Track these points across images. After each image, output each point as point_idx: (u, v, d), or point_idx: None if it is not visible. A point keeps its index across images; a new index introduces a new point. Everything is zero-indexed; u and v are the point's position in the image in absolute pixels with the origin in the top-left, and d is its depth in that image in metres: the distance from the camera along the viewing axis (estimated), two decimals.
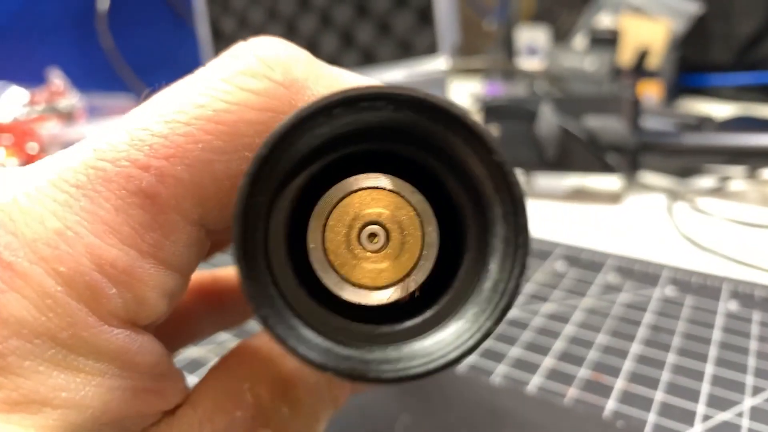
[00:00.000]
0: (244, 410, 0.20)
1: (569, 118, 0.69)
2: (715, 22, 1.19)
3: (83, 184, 0.16)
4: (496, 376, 0.40)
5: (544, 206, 0.72)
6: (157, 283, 0.17)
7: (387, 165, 0.18)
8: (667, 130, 0.78)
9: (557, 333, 0.45)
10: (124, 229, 0.17)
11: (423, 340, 0.18)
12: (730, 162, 0.71)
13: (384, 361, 0.17)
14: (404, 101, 0.16)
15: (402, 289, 0.18)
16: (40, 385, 0.16)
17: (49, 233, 0.16)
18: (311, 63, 0.20)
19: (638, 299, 0.49)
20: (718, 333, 0.44)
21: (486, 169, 0.17)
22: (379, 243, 0.18)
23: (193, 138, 0.17)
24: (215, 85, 0.18)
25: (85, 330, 0.16)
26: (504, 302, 0.17)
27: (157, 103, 0.18)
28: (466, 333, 0.17)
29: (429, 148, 0.18)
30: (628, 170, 0.69)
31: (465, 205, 0.18)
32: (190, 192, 0.17)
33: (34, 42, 1.20)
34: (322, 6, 1.08)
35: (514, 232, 0.17)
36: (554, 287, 0.51)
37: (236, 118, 0.18)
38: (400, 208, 0.18)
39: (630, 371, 0.40)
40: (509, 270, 0.17)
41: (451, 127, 0.17)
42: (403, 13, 1.00)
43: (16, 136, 0.82)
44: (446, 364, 0.17)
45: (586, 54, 1.09)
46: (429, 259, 0.18)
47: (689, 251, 0.58)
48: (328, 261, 0.18)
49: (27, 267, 0.16)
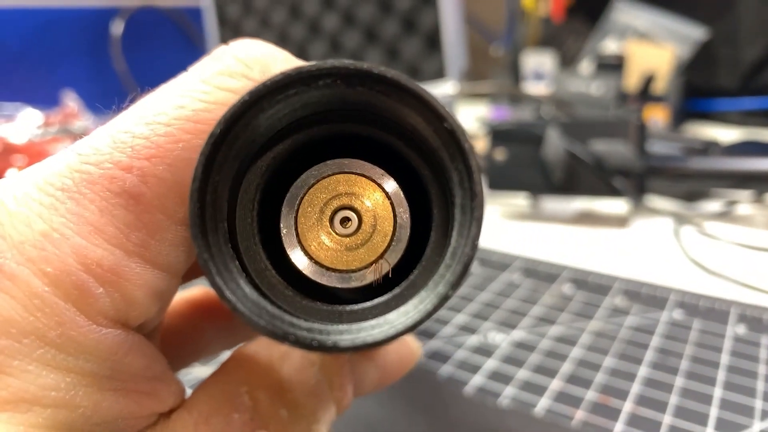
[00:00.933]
0: (242, 413, 0.20)
1: (576, 142, 0.70)
2: (721, 47, 1.20)
3: (68, 187, 0.17)
4: (504, 398, 0.40)
5: (552, 229, 0.72)
6: (144, 282, 0.18)
7: (356, 150, 0.18)
8: (673, 155, 0.79)
9: (565, 355, 0.45)
10: (109, 229, 0.17)
11: (388, 315, 0.18)
12: (737, 186, 0.71)
13: (345, 331, 0.17)
14: (353, 75, 0.17)
15: (375, 271, 0.18)
16: (30, 384, 0.16)
17: (36, 235, 0.16)
18: (289, 61, 0.20)
19: (646, 322, 0.49)
20: (726, 357, 0.44)
21: (440, 139, 0.17)
22: (351, 227, 0.18)
23: (173, 138, 0.18)
24: (195, 86, 0.18)
25: (74, 329, 0.16)
26: (460, 266, 0.17)
27: (139, 107, 0.18)
28: (424, 300, 0.17)
29: (388, 126, 0.18)
30: (634, 194, 0.69)
31: (431, 182, 0.18)
32: (173, 191, 0.18)
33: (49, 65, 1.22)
34: (333, 32, 1.10)
35: (469, 197, 0.17)
36: (562, 310, 0.51)
37: (215, 116, 0.18)
38: (371, 191, 0.18)
39: (638, 394, 0.40)
40: (465, 235, 0.17)
41: (403, 99, 0.17)
42: (411, 39, 1.02)
43: (30, 156, 0.84)
44: (404, 330, 0.17)
45: (592, 79, 1.10)
46: (402, 240, 0.18)
47: (697, 275, 0.58)
48: (301, 245, 0.18)
49: (14, 268, 0.16)
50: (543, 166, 0.71)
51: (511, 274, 0.59)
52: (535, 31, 1.35)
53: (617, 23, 1.24)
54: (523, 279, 0.58)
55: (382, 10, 1.04)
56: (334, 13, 1.09)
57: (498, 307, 0.52)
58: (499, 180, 0.75)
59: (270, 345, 0.22)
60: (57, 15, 1.24)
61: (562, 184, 0.70)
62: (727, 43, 1.19)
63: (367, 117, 0.18)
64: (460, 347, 0.46)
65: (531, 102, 1.13)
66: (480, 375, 0.43)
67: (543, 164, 0.71)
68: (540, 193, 0.75)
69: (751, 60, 1.17)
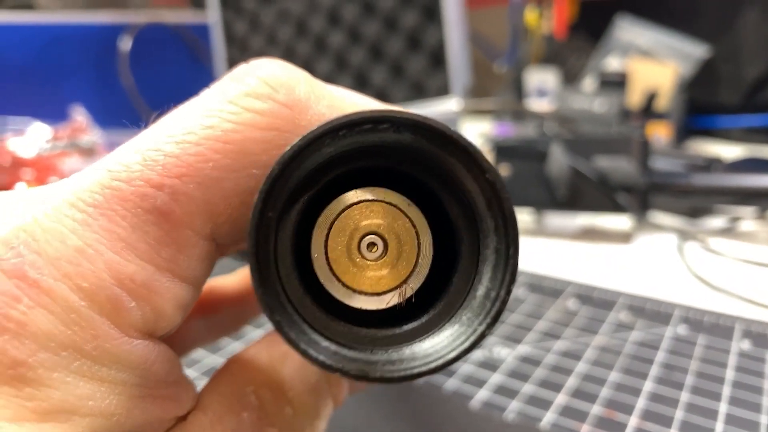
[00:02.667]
0: (251, 411, 0.21)
1: (579, 159, 0.71)
2: (723, 65, 1.21)
3: (100, 203, 0.17)
4: (509, 413, 0.40)
5: (556, 245, 0.73)
6: (172, 296, 0.18)
7: (385, 179, 0.19)
8: (676, 171, 0.79)
9: (570, 370, 0.45)
10: (140, 245, 0.18)
11: (421, 343, 0.19)
12: (740, 202, 0.71)
13: (387, 362, 0.18)
14: (405, 124, 0.18)
15: (399, 295, 0.19)
16: (68, 395, 0.16)
17: (71, 251, 0.17)
18: (312, 83, 0.21)
19: (650, 338, 0.49)
20: (731, 372, 0.44)
21: (479, 186, 0.18)
22: (377, 252, 0.19)
23: (203, 157, 0.18)
24: (222, 106, 0.19)
25: (108, 342, 0.17)
26: (496, 308, 0.18)
27: (165, 125, 0.19)
28: (461, 336, 0.19)
29: (426, 165, 0.19)
30: (638, 210, 0.70)
31: (458, 218, 0.20)
32: (202, 209, 0.18)
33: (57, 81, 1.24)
34: (338, 48, 1.11)
35: (505, 244, 0.18)
36: (566, 325, 0.52)
37: (243, 137, 0.19)
38: (397, 219, 0.19)
39: (643, 409, 0.40)
40: (500, 279, 0.18)
41: (448, 148, 0.18)
42: (416, 56, 1.03)
43: (38, 171, 0.84)
44: (444, 364, 0.18)
45: (595, 96, 1.11)
46: (424, 267, 0.19)
47: (701, 291, 0.58)
48: (331, 269, 0.19)
49: (52, 284, 0.16)
50: (547, 182, 0.72)
51: (516, 290, 0.59)
52: (538, 49, 1.36)
53: (620, 41, 1.26)
54: (528, 294, 0.58)
55: (388, 27, 1.05)
56: (339, 30, 1.10)
57: (503, 321, 0.53)
58: None
59: (269, 346, 0.23)
60: (66, 31, 1.25)
61: (566, 200, 0.71)
62: (729, 61, 1.20)
63: (405, 155, 0.19)
64: (465, 361, 0.46)
65: (534, 119, 1.14)
66: (485, 389, 0.43)
67: (547, 180, 0.72)
68: (544, 209, 0.75)
69: (752, 77, 1.18)
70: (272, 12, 1.18)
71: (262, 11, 1.20)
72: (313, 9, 1.12)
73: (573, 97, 1.13)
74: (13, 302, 0.16)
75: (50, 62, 1.23)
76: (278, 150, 0.19)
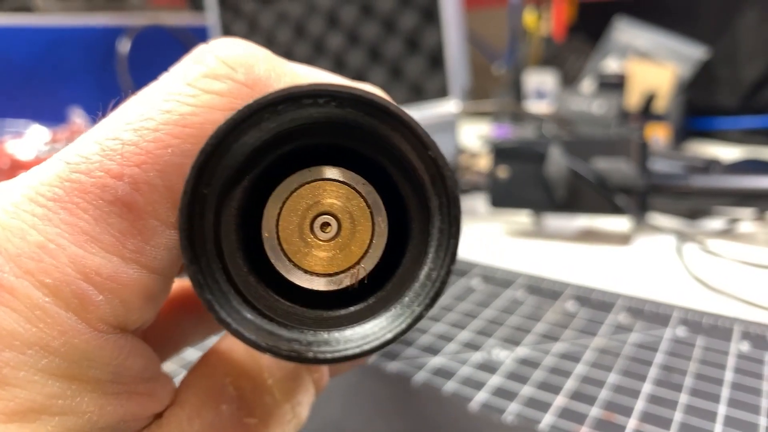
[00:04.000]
0: (229, 403, 0.21)
1: (578, 160, 0.71)
2: (721, 66, 1.21)
3: (60, 197, 0.17)
4: (508, 415, 0.40)
5: (555, 247, 0.73)
6: (141, 287, 0.18)
7: (339, 158, 0.19)
8: (675, 173, 0.79)
9: (569, 372, 0.45)
10: (104, 237, 0.17)
11: (364, 324, 0.19)
12: (738, 204, 0.71)
13: (323, 343, 0.18)
14: (346, 98, 0.17)
15: (352, 276, 0.19)
16: (36, 393, 0.16)
17: (32, 247, 0.16)
18: (271, 60, 0.20)
19: (649, 339, 0.49)
20: (730, 374, 0.44)
21: (423, 164, 0.18)
22: (331, 232, 0.19)
23: (162, 143, 0.18)
24: (180, 89, 0.18)
25: (76, 337, 0.17)
26: (435, 289, 0.18)
27: (123, 113, 0.18)
28: (399, 317, 0.18)
29: (375, 143, 0.19)
30: (637, 212, 0.70)
31: (410, 198, 0.19)
32: (165, 197, 0.18)
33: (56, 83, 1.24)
34: (336, 51, 1.11)
35: (447, 223, 0.18)
36: (565, 327, 0.52)
37: (202, 120, 0.18)
38: (351, 199, 0.19)
39: (642, 411, 0.40)
40: (441, 258, 0.18)
41: (391, 124, 0.18)
42: (415, 58, 1.03)
43: None
44: (379, 346, 0.18)
45: (593, 97, 1.11)
46: (378, 248, 0.19)
47: (699, 292, 0.58)
48: (282, 249, 0.18)
49: (14, 281, 0.16)
50: (546, 184, 0.72)
51: (515, 291, 0.59)
52: (537, 50, 1.37)
53: (618, 42, 1.26)
54: (526, 296, 0.58)
55: (386, 29, 1.05)
56: (338, 32, 1.10)
57: (502, 323, 0.53)
58: (502, 197, 0.75)
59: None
60: (64, 34, 1.25)
61: (565, 202, 0.71)
62: (727, 63, 1.20)
63: (352, 132, 0.18)
64: (464, 364, 0.46)
65: (533, 120, 1.14)
66: (484, 391, 0.43)
67: (546, 182, 0.72)
68: (543, 211, 0.75)
69: (751, 79, 1.18)
70: (271, 14, 1.18)
71: (261, 13, 1.20)
72: (312, 11, 1.12)
73: (572, 99, 1.13)
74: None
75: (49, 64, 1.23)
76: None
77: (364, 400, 0.42)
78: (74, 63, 1.27)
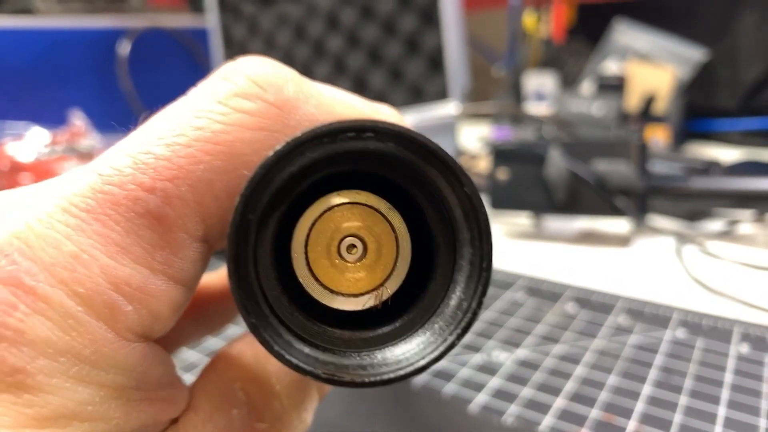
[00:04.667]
0: (240, 408, 0.21)
1: (578, 162, 0.71)
2: (721, 68, 1.21)
3: (93, 208, 0.17)
4: (508, 417, 0.40)
5: (554, 248, 0.73)
6: (168, 298, 0.18)
7: (368, 183, 0.20)
8: (674, 174, 0.80)
9: (569, 374, 0.45)
10: (135, 249, 0.18)
11: (394, 348, 0.19)
12: (738, 206, 0.71)
13: (358, 367, 0.18)
14: (388, 134, 0.18)
15: (376, 297, 0.19)
16: (68, 400, 0.16)
17: (66, 257, 0.17)
18: (299, 82, 0.21)
19: (649, 341, 0.49)
20: (729, 375, 0.44)
21: (457, 198, 0.19)
22: (357, 254, 0.19)
23: (194, 159, 0.18)
24: (211, 106, 0.19)
25: (106, 346, 0.17)
26: (466, 320, 0.19)
27: (155, 127, 0.19)
28: (432, 344, 0.19)
29: (408, 173, 0.19)
30: (636, 213, 0.70)
31: (436, 225, 0.20)
32: (194, 211, 0.18)
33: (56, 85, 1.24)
34: (336, 53, 1.11)
35: (479, 256, 0.19)
36: (565, 329, 0.52)
37: (233, 138, 0.19)
38: (378, 223, 0.19)
39: (642, 413, 0.40)
40: (473, 291, 0.19)
41: (429, 159, 0.18)
42: (414, 60, 1.03)
43: (37, 175, 0.84)
44: (414, 372, 0.18)
45: (593, 99, 1.11)
46: (402, 271, 0.20)
47: (699, 294, 0.58)
48: (310, 269, 0.19)
49: (48, 290, 0.16)
50: (545, 186, 0.72)
51: (515, 293, 0.59)
52: (537, 52, 1.37)
53: (618, 44, 1.26)
54: (526, 298, 0.58)
55: (386, 31, 1.05)
56: (338, 34, 1.10)
57: (502, 325, 0.53)
58: (502, 199, 0.75)
59: (253, 341, 0.23)
60: (64, 36, 1.25)
61: (565, 204, 0.71)
62: (726, 64, 1.21)
63: (387, 162, 0.19)
64: (464, 365, 0.46)
65: (533, 122, 1.14)
66: (484, 393, 0.43)
67: (545, 184, 0.72)
68: (542, 213, 0.75)
69: (750, 80, 1.18)
70: (271, 16, 1.18)
71: (261, 15, 1.20)
72: (312, 13, 1.13)
73: (571, 101, 1.13)
74: (10, 310, 0.16)
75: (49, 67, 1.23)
76: (268, 150, 0.19)
77: (364, 401, 0.42)
78: (74, 65, 1.27)
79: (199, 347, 0.48)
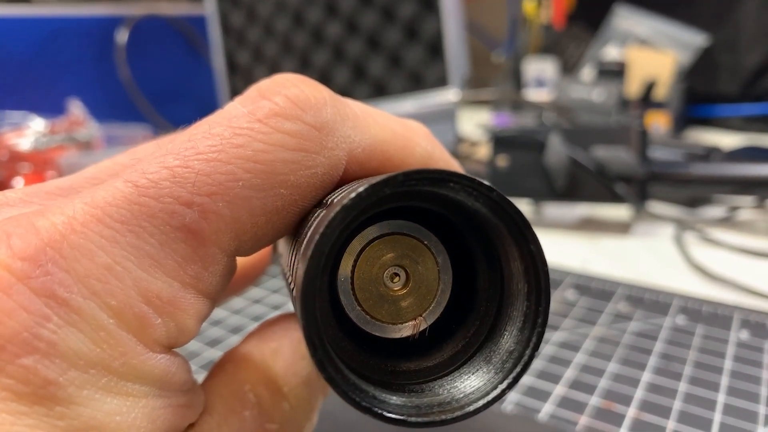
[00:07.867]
0: (251, 410, 0.21)
1: (578, 149, 0.70)
2: (722, 53, 1.20)
3: (128, 219, 0.17)
4: (508, 404, 0.40)
5: (554, 235, 0.73)
6: (195, 311, 0.19)
7: (418, 216, 0.20)
8: (675, 160, 0.79)
9: (568, 361, 0.45)
10: (168, 262, 0.18)
11: (452, 384, 0.19)
12: (739, 192, 0.71)
13: (434, 406, 0.19)
14: (468, 189, 0.17)
15: (414, 327, 0.20)
16: (97, 411, 0.16)
17: (100, 269, 0.17)
18: (336, 104, 0.21)
19: (649, 328, 0.49)
20: (729, 362, 0.44)
21: (518, 251, 0.18)
22: (399, 283, 0.20)
23: (234, 176, 0.18)
24: (252, 125, 0.19)
25: (134, 358, 0.17)
26: (519, 369, 0.19)
27: (192, 141, 0.19)
28: (486, 386, 0.19)
29: (466, 216, 0.20)
30: (636, 200, 0.70)
31: (482, 263, 0.20)
32: (230, 227, 0.19)
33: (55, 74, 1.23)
34: (335, 40, 1.10)
35: (535, 311, 0.19)
36: (565, 316, 0.52)
37: (273, 157, 0.19)
38: (422, 254, 0.20)
39: (642, 399, 0.40)
40: (526, 341, 0.19)
41: (497, 212, 0.18)
42: (414, 47, 1.03)
43: (35, 164, 0.84)
44: (474, 411, 0.18)
45: (593, 85, 1.10)
46: (441, 303, 0.20)
47: (699, 280, 0.58)
48: (355, 297, 0.19)
49: (81, 302, 0.16)
50: (545, 173, 0.72)
51: None
52: (537, 38, 1.36)
53: (618, 30, 1.25)
54: None
55: (385, 17, 1.05)
56: (337, 21, 1.10)
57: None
58: (502, 187, 0.75)
59: (260, 342, 0.24)
60: (62, 24, 1.25)
61: (565, 191, 0.71)
62: (727, 50, 1.20)
63: (449, 205, 0.19)
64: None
65: (533, 109, 1.14)
66: None
67: (545, 171, 0.71)
68: (542, 200, 0.75)
69: (751, 66, 1.18)
70: (269, 3, 1.17)
71: (259, 2, 1.19)
72: (311, 0, 1.12)
73: (571, 87, 1.12)
74: (43, 321, 0.16)
75: (47, 55, 1.22)
76: (305, 170, 0.19)
77: None
78: (72, 53, 1.26)
79: (200, 337, 0.48)
